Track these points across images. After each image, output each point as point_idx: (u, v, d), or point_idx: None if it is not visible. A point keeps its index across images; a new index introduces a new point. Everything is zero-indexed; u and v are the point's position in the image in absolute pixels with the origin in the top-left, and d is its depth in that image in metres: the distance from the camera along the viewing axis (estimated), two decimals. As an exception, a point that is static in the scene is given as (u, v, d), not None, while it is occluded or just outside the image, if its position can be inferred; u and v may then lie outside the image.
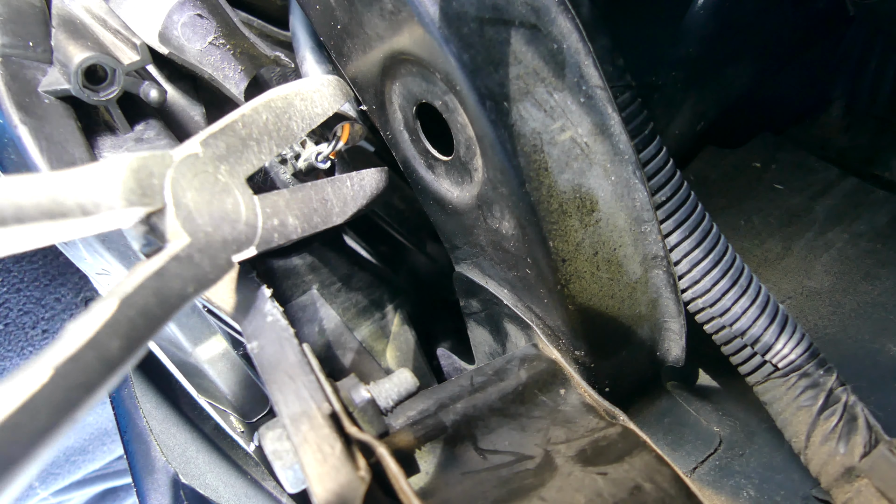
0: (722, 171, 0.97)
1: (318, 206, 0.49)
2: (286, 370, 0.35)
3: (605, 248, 0.47)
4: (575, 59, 0.41)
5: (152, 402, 0.50)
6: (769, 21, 0.87)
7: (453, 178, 0.52)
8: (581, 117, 0.43)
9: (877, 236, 0.81)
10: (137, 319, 0.28)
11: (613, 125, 0.44)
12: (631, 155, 0.45)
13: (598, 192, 0.45)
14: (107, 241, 0.47)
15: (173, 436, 0.48)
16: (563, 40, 0.41)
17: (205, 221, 0.36)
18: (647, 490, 0.41)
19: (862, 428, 0.51)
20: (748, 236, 0.86)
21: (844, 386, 0.54)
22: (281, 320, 0.38)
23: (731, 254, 0.53)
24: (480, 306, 0.63)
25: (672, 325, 0.54)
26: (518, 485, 0.42)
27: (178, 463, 0.44)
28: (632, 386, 0.58)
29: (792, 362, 0.54)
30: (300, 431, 0.32)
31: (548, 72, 0.41)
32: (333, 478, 0.30)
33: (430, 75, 0.44)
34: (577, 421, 0.47)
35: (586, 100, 0.42)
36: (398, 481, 0.30)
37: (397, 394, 0.42)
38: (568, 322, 0.51)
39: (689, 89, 0.87)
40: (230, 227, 0.38)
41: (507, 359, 0.54)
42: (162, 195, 0.34)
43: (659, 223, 0.49)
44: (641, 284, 0.51)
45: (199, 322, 0.53)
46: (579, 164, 0.44)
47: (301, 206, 0.47)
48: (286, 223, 0.43)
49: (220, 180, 0.38)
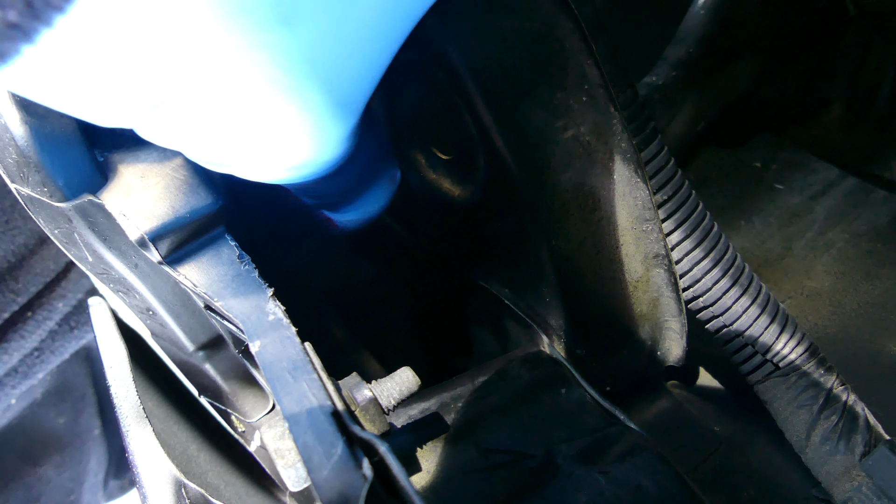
0: (722, 170, 0.97)
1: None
2: (288, 369, 0.35)
3: (607, 247, 0.47)
4: (577, 58, 0.41)
5: (153, 401, 0.50)
6: (769, 21, 0.87)
7: (455, 176, 0.52)
8: (583, 116, 0.43)
9: (877, 236, 0.81)
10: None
11: (615, 124, 0.44)
12: (632, 154, 0.45)
13: (600, 191, 0.45)
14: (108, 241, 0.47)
15: (174, 435, 0.48)
16: (565, 40, 0.41)
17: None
18: (648, 489, 0.41)
19: (862, 427, 0.52)
20: (748, 236, 0.86)
21: (845, 385, 0.54)
22: (283, 319, 0.38)
23: (732, 253, 0.53)
24: (482, 305, 0.63)
25: (673, 324, 0.54)
26: (519, 484, 0.43)
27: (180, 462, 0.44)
28: (633, 385, 0.58)
29: (792, 362, 0.54)
30: (302, 430, 0.32)
31: (550, 71, 0.41)
32: (335, 476, 0.30)
33: (434, 72, 0.44)
34: (578, 420, 0.47)
35: (588, 99, 0.42)
36: (400, 480, 0.30)
37: (399, 393, 0.42)
38: (569, 321, 0.51)
39: (690, 89, 0.87)
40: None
41: (509, 358, 0.54)
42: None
43: (660, 222, 0.49)
44: (642, 283, 0.51)
45: (199, 321, 0.53)
46: (581, 163, 0.44)
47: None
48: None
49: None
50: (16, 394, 0.99)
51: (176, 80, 0.26)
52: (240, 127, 0.30)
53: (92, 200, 0.42)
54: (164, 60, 0.25)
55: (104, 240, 0.47)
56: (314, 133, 0.32)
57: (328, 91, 0.30)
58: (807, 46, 0.92)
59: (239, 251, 0.42)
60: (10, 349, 0.94)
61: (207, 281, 0.41)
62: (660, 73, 0.87)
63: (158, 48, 0.24)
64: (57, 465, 1.07)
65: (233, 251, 0.42)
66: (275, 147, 0.32)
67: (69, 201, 0.43)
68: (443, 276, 0.69)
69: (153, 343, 0.58)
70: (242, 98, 0.28)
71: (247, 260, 0.42)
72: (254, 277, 0.41)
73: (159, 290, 0.50)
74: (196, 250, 0.43)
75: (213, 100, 0.27)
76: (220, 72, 0.26)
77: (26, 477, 1.04)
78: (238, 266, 0.42)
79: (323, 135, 0.33)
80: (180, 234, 0.42)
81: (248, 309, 0.39)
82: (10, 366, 0.96)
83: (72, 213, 0.44)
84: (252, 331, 0.37)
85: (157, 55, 0.24)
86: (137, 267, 0.49)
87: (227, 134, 0.30)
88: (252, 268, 0.42)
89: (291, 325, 0.38)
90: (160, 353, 0.59)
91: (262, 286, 0.40)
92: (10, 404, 0.99)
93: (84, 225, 0.45)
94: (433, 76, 0.45)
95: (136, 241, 0.41)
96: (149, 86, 0.26)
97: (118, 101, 0.27)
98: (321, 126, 0.32)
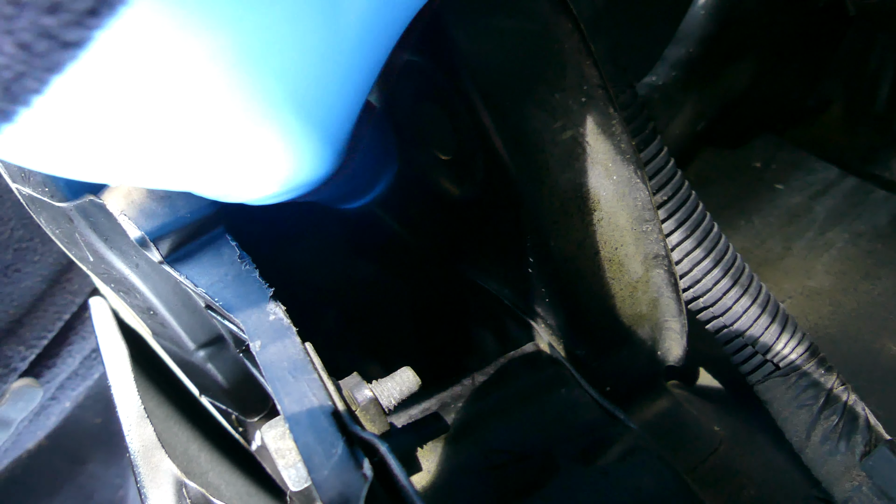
0: (722, 170, 0.97)
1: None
2: (288, 369, 0.35)
3: (607, 247, 0.48)
4: (576, 58, 0.42)
5: (154, 400, 0.50)
6: (769, 21, 0.87)
7: (454, 177, 0.52)
8: (582, 117, 0.43)
9: (877, 236, 0.81)
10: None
11: (615, 125, 0.44)
12: (632, 154, 0.45)
13: (600, 192, 0.45)
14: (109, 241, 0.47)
15: (175, 434, 0.48)
16: (564, 40, 0.41)
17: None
18: (648, 489, 0.41)
19: (862, 427, 0.52)
20: (748, 236, 0.86)
21: (845, 385, 0.54)
22: (283, 319, 0.38)
23: (732, 253, 0.53)
24: (482, 305, 0.63)
25: (673, 324, 0.54)
26: (519, 484, 0.43)
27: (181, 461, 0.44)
28: (633, 385, 0.58)
29: (792, 362, 0.54)
30: (302, 430, 0.32)
31: (549, 71, 0.41)
32: (336, 476, 0.30)
33: (434, 73, 0.44)
34: (579, 420, 0.47)
35: (587, 99, 0.42)
36: (400, 480, 0.30)
37: (399, 393, 0.42)
38: (569, 321, 0.51)
39: (690, 89, 0.87)
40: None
41: (509, 358, 0.54)
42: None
43: (660, 222, 0.49)
44: (642, 284, 0.51)
45: (200, 320, 0.53)
46: (581, 164, 0.44)
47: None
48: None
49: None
50: (74, 396, 1.00)
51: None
52: (221, 155, 0.30)
53: (93, 200, 0.42)
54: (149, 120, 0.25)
55: (105, 240, 0.47)
56: (296, 158, 0.32)
57: (307, 116, 0.30)
58: (807, 46, 0.92)
59: (239, 251, 0.42)
60: (74, 351, 0.95)
61: (208, 281, 0.41)
62: (659, 73, 0.87)
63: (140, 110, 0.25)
64: (103, 462, 1.09)
65: (233, 251, 0.42)
66: (257, 173, 0.32)
67: (70, 201, 0.43)
68: (443, 275, 0.69)
69: (154, 343, 0.59)
70: (223, 127, 0.28)
71: (247, 260, 0.42)
72: (254, 277, 0.41)
73: (160, 290, 0.51)
74: (196, 250, 0.43)
75: (194, 131, 0.27)
76: (201, 108, 0.26)
77: (77, 476, 1.06)
78: (238, 266, 0.42)
79: (306, 159, 0.32)
80: (181, 234, 0.42)
81: (248, 309, 0.39)
82: (72, 369, 0.97)
83: (73, 212, 0.44)
84: (252, 330, 0.38)
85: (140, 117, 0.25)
86: (138, 267, 0.49)
87: (209, 162, 0.30)
88: (252, 268, 0.42)
89: (292, 324, 0.38)
90: (161, 352, 0.59)
91: (262, 286, 0.40)
92: (64, 407, 1.00)
93: (85, 225, 0.45)
94: (433, 77, 0.45)
95: (137, 240, 0.41)
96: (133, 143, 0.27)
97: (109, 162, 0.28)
98: (303, 150, 0.32)
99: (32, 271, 0.86)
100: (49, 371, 0.94)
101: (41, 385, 0.92)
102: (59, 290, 0.90)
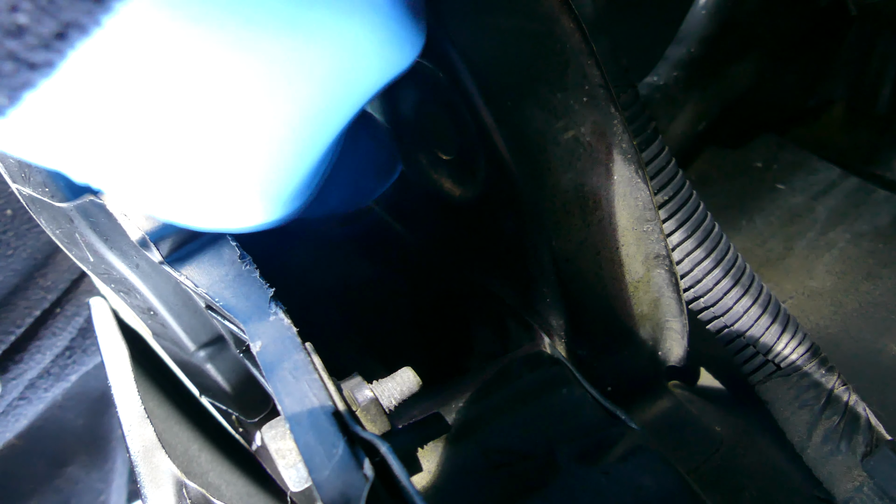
0: (723, 170, 0.97)
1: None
2: (289, 369, 0.35)
3: (608, 247, 0.47)
4: (577, 58, 0.41)
5: (154, 401, 0.50)
6: (771, 21, 0.87)
7: (455, 177, 0.52)
8: (583, 117, 0.43)
9: (878, 236, 0.81)
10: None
11: (616, 125, 0.44)
12: (633, 154, 0.45)
13: (601, 192, 0.45)
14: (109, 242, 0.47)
15: (175, 435, 0.48)
16: (565, 40, 0.41)
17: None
18: (649, 489, 0.41)
19: (864, 428, 0.51)
20: (750, 236, 0.86)
21: (846, 385, 0.54)
22: (284, 319, 0.38)
23: (733, 253, 0.53)
24: (482, 305, 0.63)
25: (674, 324, 0.54)
26: (520, 484, 0.43)
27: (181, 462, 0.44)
28: (634, 385, 0.58)
29: (793, 362, 0.54)
30: (303, 430, 0.32)
31: (551, 71, 0.41)
32: (337, 476, 0.30)
33: (434, 73, 0.44)
34: (580, 420, 0.47)
35: (589, 99, 0.42)
36: (401, 480, 0.30)
37: (400, 393, 0.42)
38: (570, 321, 0.51)
39: (691, 89, 0.87)
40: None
41: (510, 358, 0.54)
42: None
43: (661, 222, 0.49)
44: (643, 284, 0.51)
45: (201, 321, 0.53)
46: (582, 164, 0.44)
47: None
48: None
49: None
50: (48, 396, 0.98)
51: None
52: (188, 187, 0.30)
53: (93, 201, 0.42)
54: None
55: (105, 240, 0.47)
56: (255, 205, 0.32)
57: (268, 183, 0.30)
58: (808, 46, 0.92)
59: (240, 251, 0.42)
60: (43, 348, 0.93)
61: (208, 281, 0.41)
62: (661, 73, 0.87)
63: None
64: (84, 466, 1.07)
65: (234, 251, 0.42)
66: (220, 211, 0.32)
67: (71, 201, 0.43)
68: (443, 275, 0.69)
69: (154, 343, 0.59)
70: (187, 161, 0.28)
71: (248, 260, 0.42)
72: (255, 277, 0.41)
73: (161, 291, 0.51)
74: (197, 250, 0.43)
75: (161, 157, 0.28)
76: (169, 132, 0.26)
77: (56, 480, 1.04)
78: (239, 266, 0.42)
79: (268, 206, 0.32)
80: (181, 235, 0.42)
81: (249, 309, 0.39)
82: (43, 367, 0.95)
83: (73, 213, 0.44)
84: (253, 331, 0.37)
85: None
86: (139, 267, 0.49)
87: (179, 191, 0.30)
88: (253, 268, 0.42)
89: (292, 325, 0.38)
90: (161, 353, 0.59)
91: (263, 286, 0.40)
92: (38, 409, 0.98)
93: (86, 225, 0.45)
94: (433, 77, 0.45)
95: (138, 241, 0.41)
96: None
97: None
98: (266, 200, 0.32)
99: (5, 265, 0.85)
100: (16, 367, 0.91)
101: (4, 381, 0.90)
102: (32, 286, 0.89)
